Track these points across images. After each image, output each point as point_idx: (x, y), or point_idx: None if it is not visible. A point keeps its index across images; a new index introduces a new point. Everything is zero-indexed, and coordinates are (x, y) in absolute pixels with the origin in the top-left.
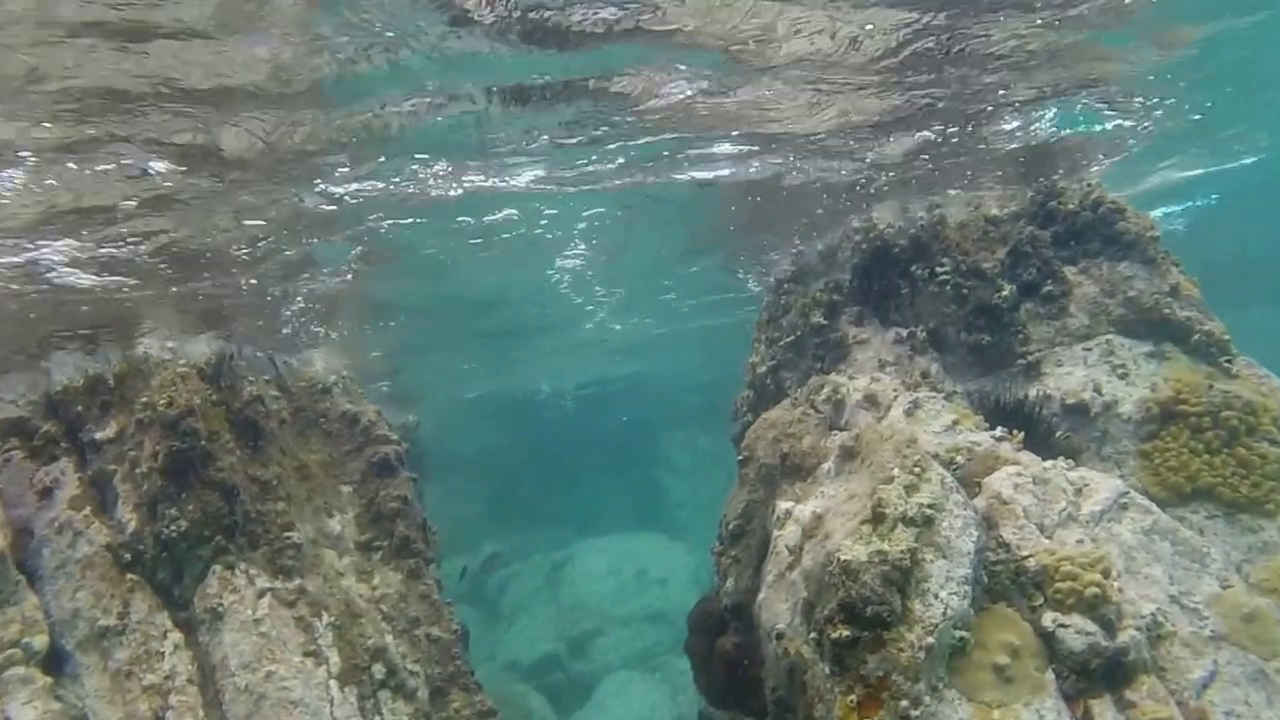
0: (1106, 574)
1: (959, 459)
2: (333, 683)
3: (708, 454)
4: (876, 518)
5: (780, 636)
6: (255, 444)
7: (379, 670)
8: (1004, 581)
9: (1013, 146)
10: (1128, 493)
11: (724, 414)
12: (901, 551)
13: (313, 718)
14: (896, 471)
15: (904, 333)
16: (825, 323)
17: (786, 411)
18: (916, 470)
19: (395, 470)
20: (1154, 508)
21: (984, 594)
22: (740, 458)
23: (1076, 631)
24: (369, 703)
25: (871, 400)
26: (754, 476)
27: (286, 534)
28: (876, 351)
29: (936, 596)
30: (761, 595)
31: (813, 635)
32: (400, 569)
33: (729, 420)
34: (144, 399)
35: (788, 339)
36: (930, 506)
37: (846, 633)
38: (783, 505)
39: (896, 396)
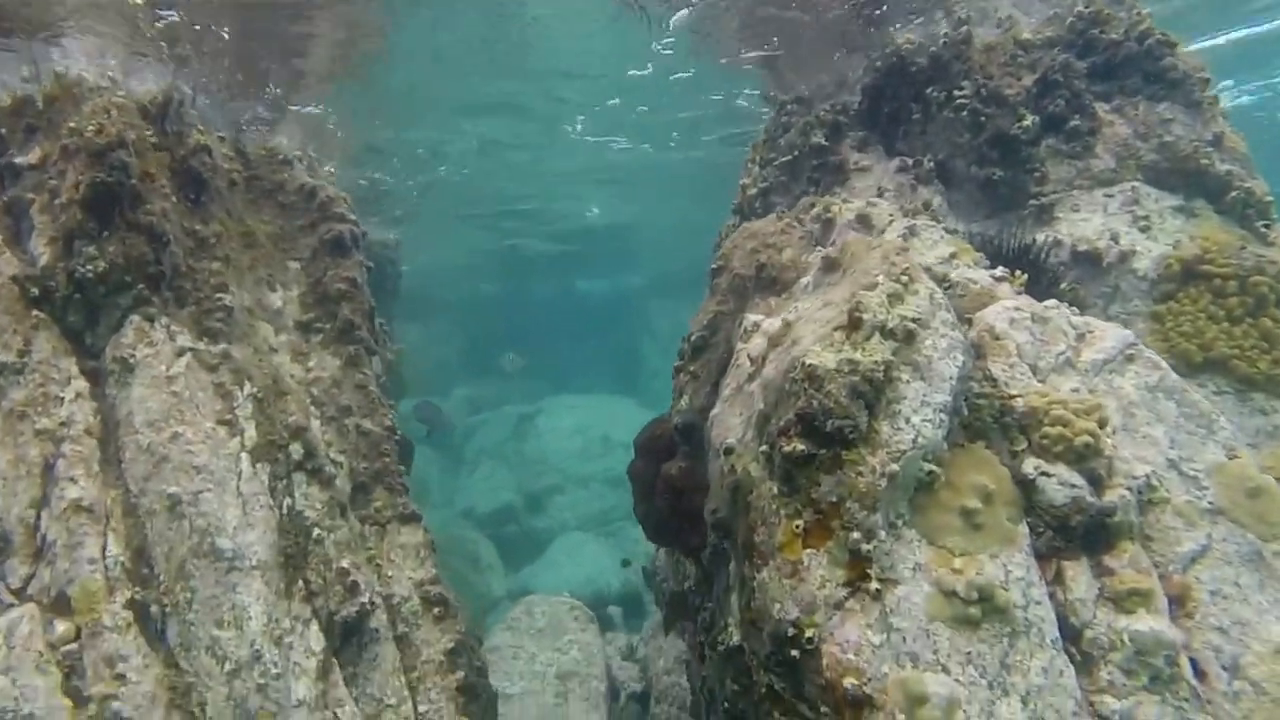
0: (1102, 424)
1: (955, 290)
2: (244, 455)
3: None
4: (852, 323)
5: (729, 452)
6: (197, 197)
7: (296, 450)
8: (985, 419)
9: None
10: (1136, 343)
11: None
12: (875, 363)
13: (216, 487)
14: (881, 279)
15: (909, 161)
16: (826, 144)
17: (770, 223)
18: (904, 279)
19: (348, 250)
20: (1163, 363)
21: (961, 429)
22: (713, 266)
23: (1060, 482)
24: (281, 483)
25: (864, 221)
26: (725, 287)
27: (219, 295)
28: (877, 180)
29: (908, 421)
30: (715, 411)
31: (763, 449)
32: (339, 355)
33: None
34: (71, 124)
35: (783, 159)
36: (914, 320)
37: (801, 447)
38: (751, 317)
39: (892, 221)
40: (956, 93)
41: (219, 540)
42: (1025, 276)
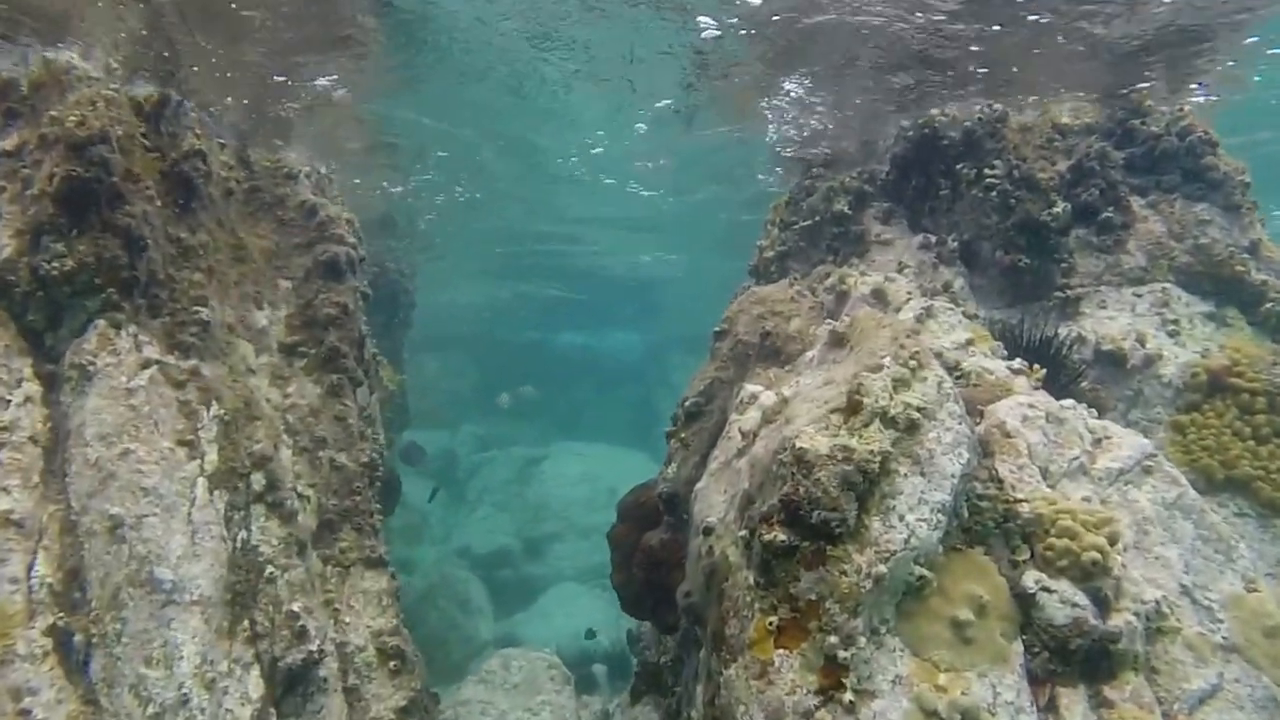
0: (1112, 541)
1: (966, 380)
2: (201, 480)
3: None
4: (852, 406)
5: (708, 532)
6: (186, 203)
7: (259, 480)
8: (987, 523)
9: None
10: (1155, 455)
11: None
12: (872, 452)
13: (164, 512)
14: (887, 361)
15: (933, 239)
16: (849, 212)
17: (781, 290)
18: (912, 364)
19: (342, 274)
20: (1182, 479)
21: (960, 531)
22: (717, 329)
23: (1062, 600)
24: (239, 514)
25: (879, 297)
26: (727, 352)
27: (196, 308)
28: (899, 255)
29: (902, 519)
30: (701, 484)
31: (743, 534)
32: (321, 382)
33: None
34: (53, 113)
35: (804, 223)
36: (919, 409)
37: (783, 537)
38: (750, 388)
39: (909, 299)
40: (988, 172)
41: (158, 570)
42: (1044, 371)
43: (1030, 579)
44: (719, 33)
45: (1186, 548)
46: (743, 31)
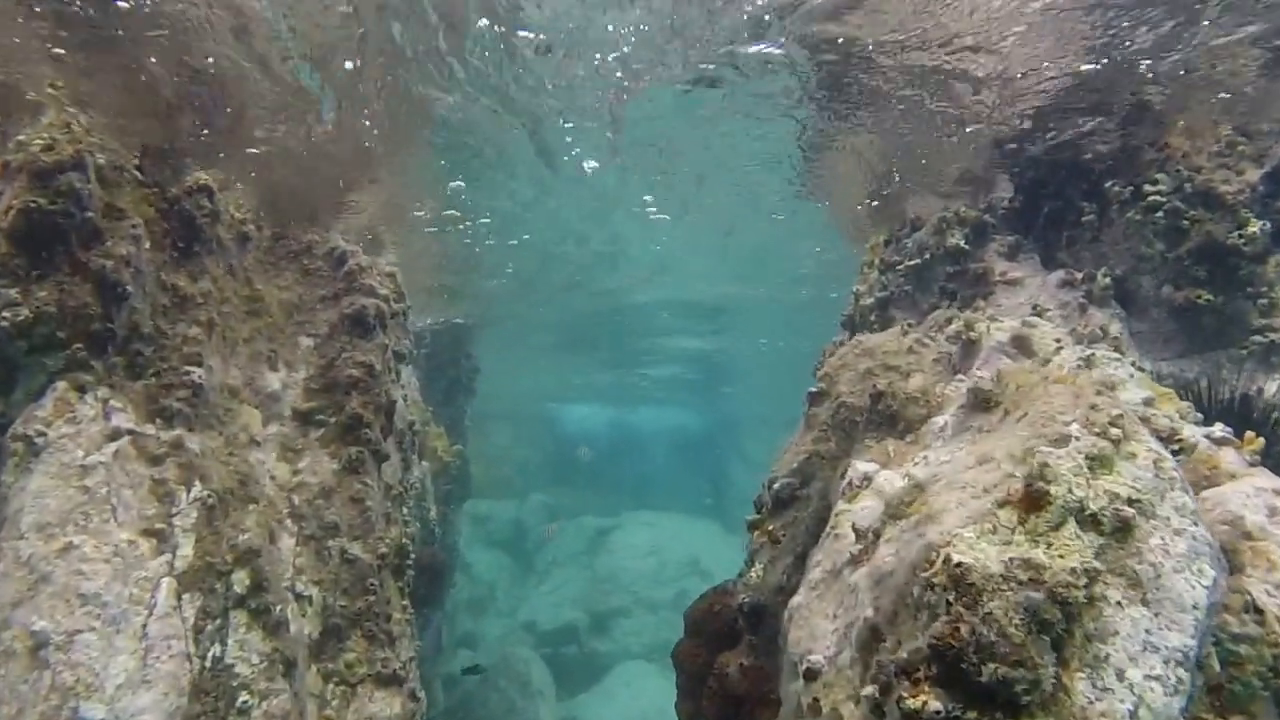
0: None
1: (1186, 456)
2: (167, 582)
3: None
4: (1030, 499)
5: (811, 676)
6: (186, 247)
7: (240, 581)
8: (1250, 680)
9: None
10: None
11: None
12: (1072, 571)
13: (106, 625)
14: (1075, 429)
15: (1077, 275)
16: (966, 248)
17: (893, 339)
18: (1113, 434)
19: (370, 330)
20: None
21: (1205, 693)
22: (812, 390)
23: None
24: (212, 623)
25: (1021, 345)
26: (826, 419)
27: (188, 369)
28: (1032, 296)
29: (1122, 677)
30: (798, 599)
31: (870, 692)
32: (338, 456)
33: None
34: (20, 137)
35: (909, 263)
36: (1132, 503)
37: (936, 705)
38: (860, 466)
39: (1060, 347)
40: (1149, 188)
41: (85, 707)
42: (1261, 441)
43: None
44: None
45: None
46: None
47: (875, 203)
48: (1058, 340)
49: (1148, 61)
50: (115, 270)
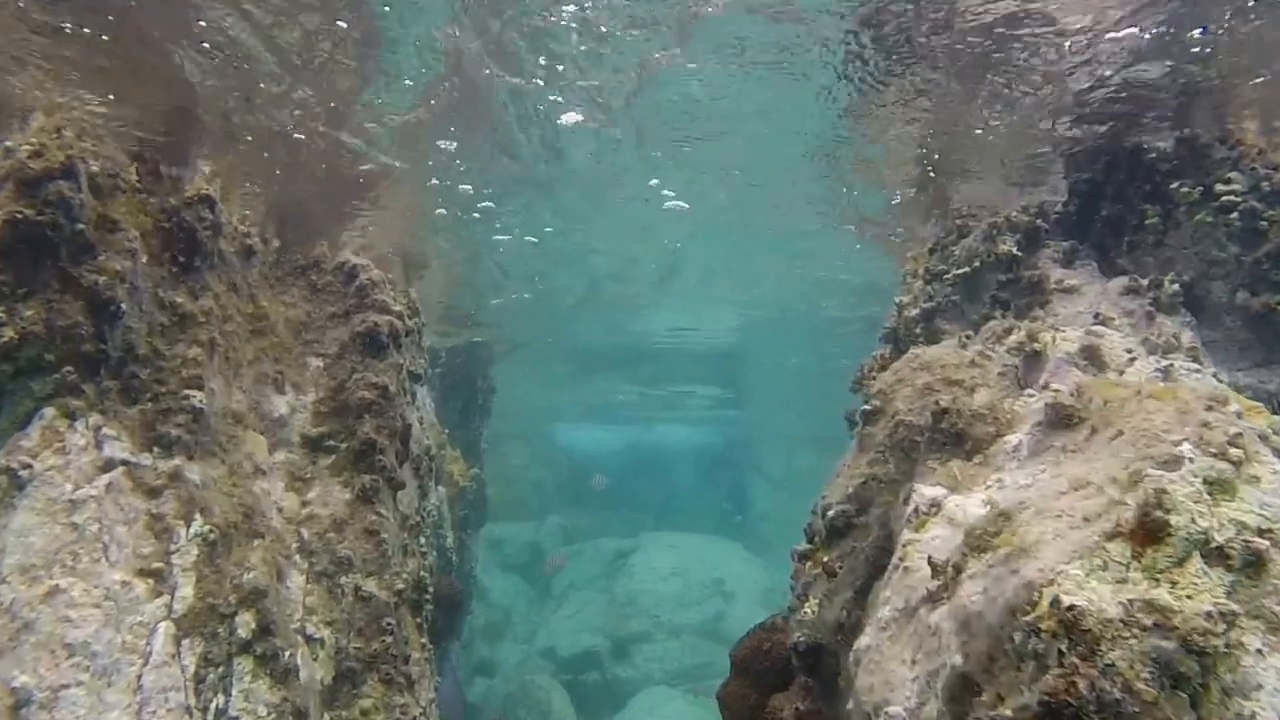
0: None
1: None
2: (165, 626)
3: (805, 469)
4: (1146, 532)
5: None
6: (187, 262)
7: (246, 624)
8: None
9: None
10: None
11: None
12: (1205, 616)
13: (96, 677)
14: (1187, 449)
15: (1142, 281)
16: (1018, 254)
17: (951, 352)
18: (1233, 453)
19: (383, 349)
20: None
21: None
22: (865, 408)
23: None
24: (215, 671)
25: (1092, 357)
26: (884, 440)
27: (188, 392)
28: (1092, 305)
29: None
30: (866, 640)
31: None
32: (351, 485)
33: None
34: (8, 143)
35: (958, 272)
36: (1264, 532)
37: None
38: (927, 491)
39: (1134, 358)
40: (1221, 188)
41: None
42: None
43: None
44: None
45: None
46: None
47: (918, 192)
48: (1129, 351)
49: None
50: (109, 286)
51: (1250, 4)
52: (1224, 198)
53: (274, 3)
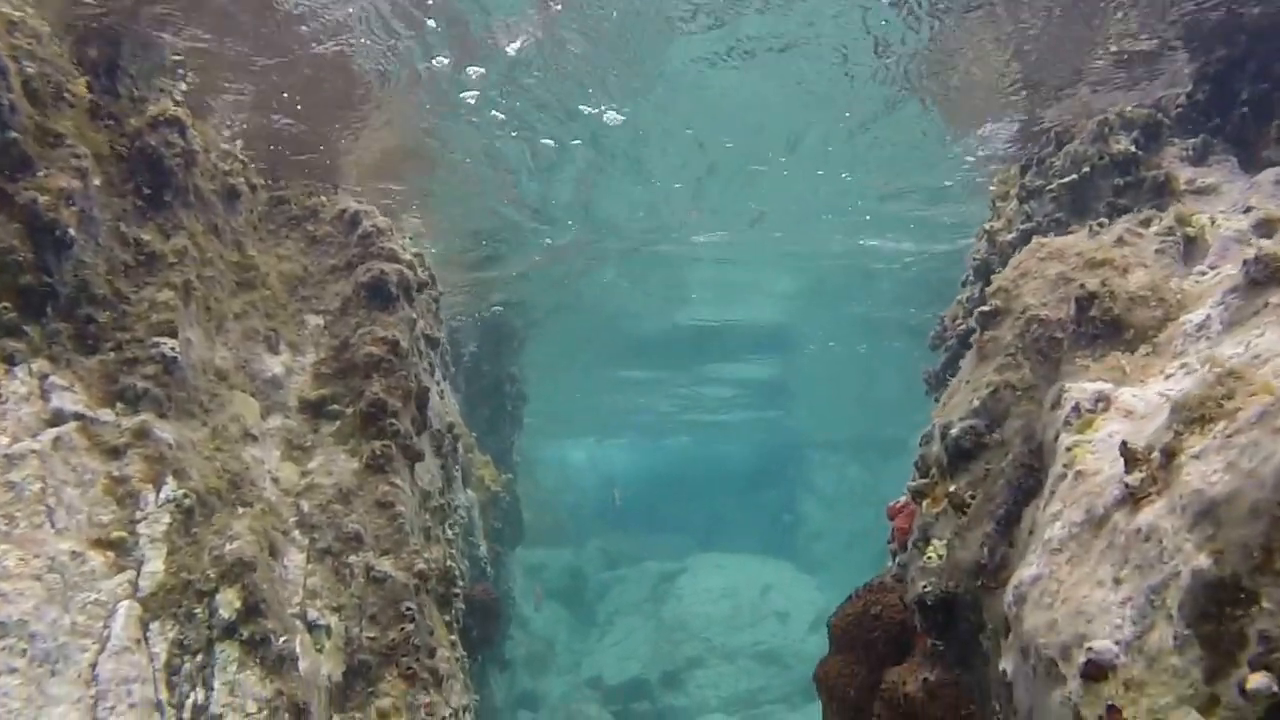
0: None
1: None
2: (126, 606)
3: (858, 484)
4: None
5: (1099, 673)
6: (155, 195)
7: (228, 603)
8: None
9: None
10: None
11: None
12: None
13: (38, 668)
14: None
15: None
16: (1137, 153)
17: (1087, 241)
18: None
19: (391, 300)
20: None
21: None
22: (984, 310)
23: None
24: (192, 660)
25: (1267, 229)
26: (1012, 342)
27: (157, 340)
28: (1236, 203)
29: None
30: (1031, 570)
31: (1234, 693)
32: (358, 453)
33: (928, 348)
34: None
35: (1061, 182)
36: None
37: None
38: (1087, 387)
39: None
40: None
41: None
42: None
43: None
44: None
45: None
46: None
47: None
48: None
49: None
50: (51, 207)
51: None
52: None
53: None
